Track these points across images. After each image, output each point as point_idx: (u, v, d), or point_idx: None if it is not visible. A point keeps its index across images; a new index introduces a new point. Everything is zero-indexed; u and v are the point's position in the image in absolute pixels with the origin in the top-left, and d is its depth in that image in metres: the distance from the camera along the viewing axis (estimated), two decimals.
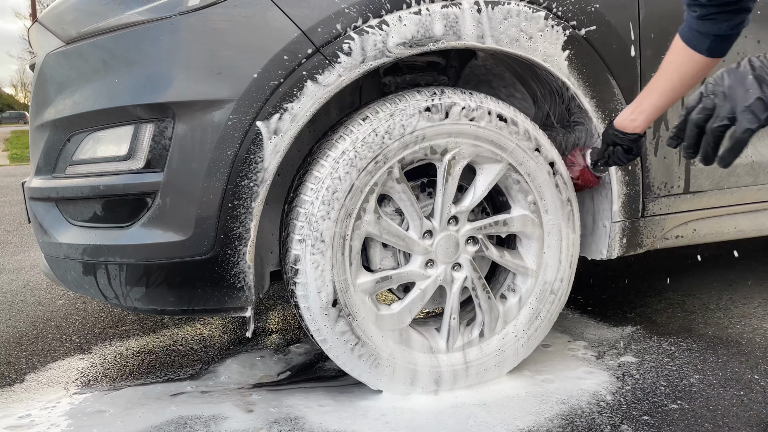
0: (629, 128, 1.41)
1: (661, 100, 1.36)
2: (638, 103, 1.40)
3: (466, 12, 1.39)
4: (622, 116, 1.43)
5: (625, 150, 1.44)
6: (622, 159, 1.46)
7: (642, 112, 1.39)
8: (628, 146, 1.43)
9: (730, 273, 2.55)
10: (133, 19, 1.32)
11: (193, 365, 1.83)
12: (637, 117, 1.40)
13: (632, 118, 1.40)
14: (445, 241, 1.49)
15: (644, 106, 1.38)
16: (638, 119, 1.40)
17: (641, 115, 1.39)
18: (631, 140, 1.42)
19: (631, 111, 1.41)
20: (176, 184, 1.30)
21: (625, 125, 1.42)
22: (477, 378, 1.57)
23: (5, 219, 4.72)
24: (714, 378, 1.61)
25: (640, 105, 1.39)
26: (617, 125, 1.43)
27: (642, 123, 1.40)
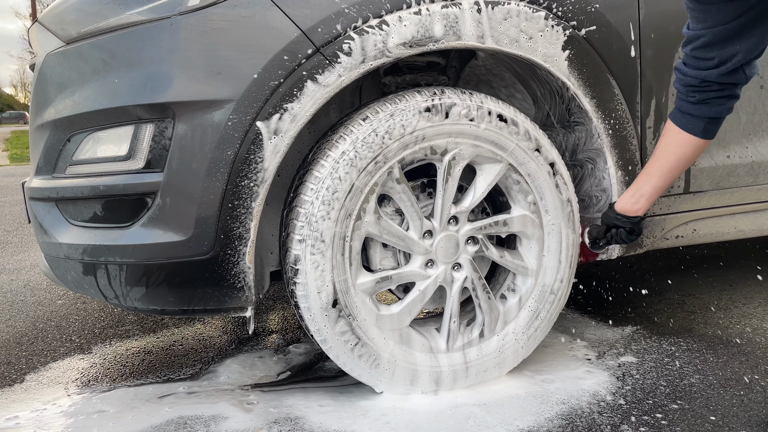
0: (631, 212, 1.49)
1: (660, 182, 1.44)
2: (638, 187, 1.47)
3: (466, 12, 1.39)
4: (623, 200, 1.50)
5: (628, 232, 1.51)
6: (625, 240, 1.52)
7: (643, 195, 1.46)
8: (630, 228, 1.50)
9: (730, 273, 2.55)
10: (133, 19, 1.32)
11: (193, 365, 1.83)
12: (638, 200, 1.47)
13: (634, 201, 1.48)
14: (445, 241, 1.49)
15: (645, 190, 1.46)
16: (640, 202, 1.47)
17: (642, 198, 1.46)
18: (633, 223, 1.49)
19: (631, 195, 1.48)
20: (176, 184, 1.30)
21: (627, 209, 1.49)
22: (477, 378, 1.57)
23: (5, 219, 4.72)
24: (714, 378, 1.61)
25: (640, 189, 1.46)
26: (619, 209, 1.50)
27: (644, 205, 1.47)
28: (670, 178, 1.43)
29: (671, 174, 1.42)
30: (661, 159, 1.42)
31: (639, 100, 1.60)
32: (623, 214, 1.49)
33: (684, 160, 1.40)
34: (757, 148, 1.79)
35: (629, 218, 1.49)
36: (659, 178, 1.43)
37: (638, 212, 1.48)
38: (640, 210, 1.48)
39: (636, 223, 1.50)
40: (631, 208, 1.48)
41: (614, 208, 1.52)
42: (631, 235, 1.51)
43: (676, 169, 1.41)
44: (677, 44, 1.63)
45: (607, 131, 1.57)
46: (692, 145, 1.37)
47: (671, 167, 1.41)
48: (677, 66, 1.35)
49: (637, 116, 1.61)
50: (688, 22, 1.30)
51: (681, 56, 1.63)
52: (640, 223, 1.50)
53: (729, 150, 1.76)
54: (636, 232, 1.51)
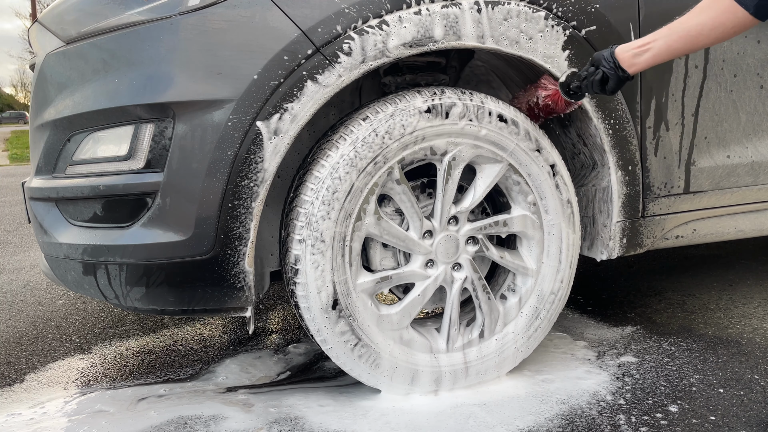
0: (627, 63, 1.29)
1: (678, 44, 1.23)
2: (653, 38, 1.26)
3: (466, 12, 1.39)
4: (627, 47, 1.29)
5: (602, 80, 1.32)
6: (596, 88, 1.33)
7: (651, 49, 1.26)
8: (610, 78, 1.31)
9: (730, 273, 2.55)
10: (133, 19, 1.32)
11: (193, 365, 1.83)
12: (643, 53, 1.27)
13: (637, 53, 1.27)
14: (445, 241, 1.49)
15: (657, 45, 1.25)
16: (643, 56, 1.27)
17: (649, 53, 1.26)
18: (618, 76, 1.30)
19: (639, 45, 1.27)
20: (176, 184, 1.30)
21: (624, 58, 1.29)
22: (477, 378, 1.57)
23: (5, 219, 4.72)
24: (714, 378, 1.61)
25: (654, 41, 1.25)
26: (617, 53, 1.30)
27: (645, 61, 1.27)
28: (692, 43, 1.22)
29: (696, 40, 1.21)
30: (695, 18, 1.20)
31: (639, 100, 1.60)
32: (617, 60, 1.29)
33: (719, 31, 1.19)
34: (757, 148, 1.79)
35: (618, 68, 1.29)
36: (680, 38, 1.22)
37: (633, 67, 1.28)
38: (637, 65, 1.28)
39: (619, 78, 1.30)
40: (629, 59, 1.28)
41: (613, 50, 1.31)
42: (604, 86, 1.32)
43: (704, 36, 1.20)
44: None
45: (607, 131, 1.57)
46: (736, 19, 1.16)
47: (700, 32, 1.20)
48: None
49: (637, 116, 1.61)
50: None
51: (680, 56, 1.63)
52: (623, 81, 1.31)
53: (729, 150, 1.76)
54: (611, 87, 1.31)
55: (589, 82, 1.34)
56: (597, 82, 1.32)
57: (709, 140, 1.72)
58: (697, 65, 1.66)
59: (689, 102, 1.67)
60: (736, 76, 1.71)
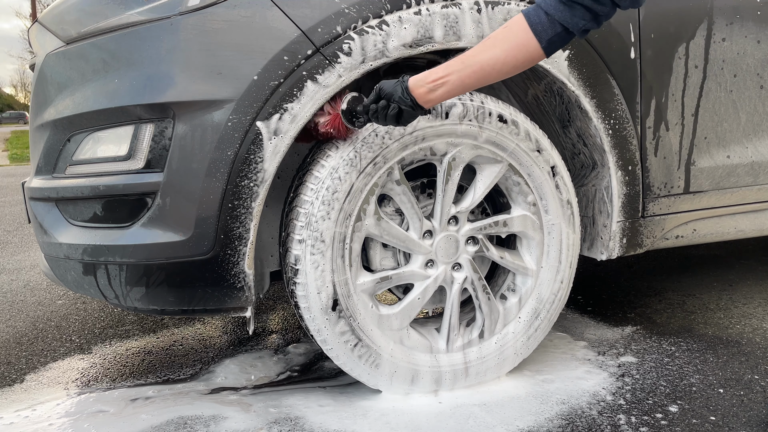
0: (421, 99, 1.20)
1: (471, 79, 1.17)
2: (446, 71, 1.18)
3: (466, 13, 1.39)
4: (420, 81, 1.20)
5: (397, 116, 1.22)
6: (390, 122, 1.23)
7: (445, 84, 1.18)
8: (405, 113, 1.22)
9: (730, 273, 2.55)
10: (133, 19, 1.32)
11: (192, 365, 1.83)
12: (437, 89, 1.19)
13: (431, 88, 1.19)
14: (445, 241, 1.49)
15: (452, 78, 1.17)
16: (438, 92, 1.19)
17: (443, 88, 1.19)
18: (413, 112, 1.21)
19: (434, 79, 1.19)
20: (176, 184, 1.30)
21: (419, 94, 1.19)
22: (477, 378, 1.57)
23: (5, 219, 4.72)
24: (714, 378, 1.61)
25: (448, 75, 1.18)
26: (411, 87, 1.20)
27: (439, 97, 1.20)
28: (485, 78, 1.17)
29: (489, 75, 1.16)
30: (488, 51, 1.15)
31: (639, 100, 1.60)
32: (411, 94, 1.19)
33: (509, 66, 1.15)
34: (757, 148, 1.79)
35: (415, 104, 1.20)
36: (474, 73, 1.16)
37: (428, 103, 1.20)
38: (432, 101, 1.20)
39: (415, 114, 1.22)
40: (425, 95, 1.19)
41: (406, 84, 1.20)
42: (398, 120, 1.22)
43: (497, 72, 1.16)
44: (677, 44, 1.63)
45: (607, 131, 1.57)
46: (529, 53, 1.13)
47: (494, 67, 1.15)
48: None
49: (637, 116, 1.61)
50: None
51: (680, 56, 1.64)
52: (417, 116, 1.23)
53: (729, 150, 1.76)
54: (405, 119, 1.22)
55: (381, 116, 1.23)
56: (392, 117, 1.22)
57: (709, 140, 1.72)
58: (697, 65, 1.66)
59: (689, 102, 1.67)
60: (736, 76, 1.71)
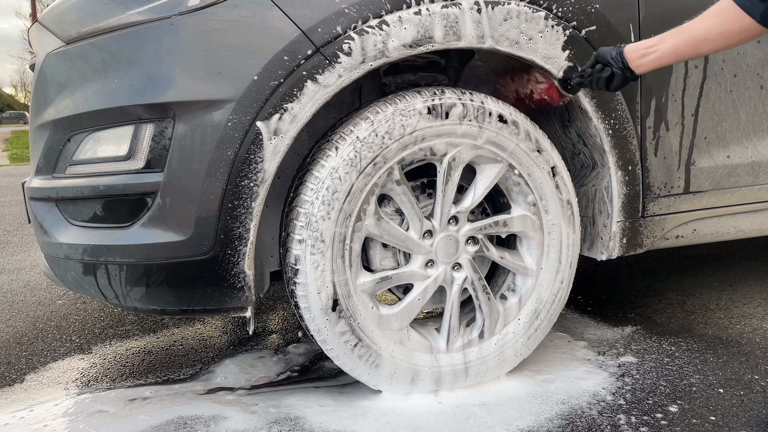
0: (634, 63, 1.31)
1: (686, 47, 1.26)
2: (659, 40, 1.29)
3: (465, 13, 1.39)
4: (635, 47, 1.32)
5: (608, 79, 1.34)
6: (601, 85, 1.36)
7: (657, 51, 1.29)
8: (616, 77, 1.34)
9: (730, 273, 2.55)
10: (133, 19, 1.32)
11: (192, 365, 1.83)
12: (649, 54, 1.30)
13: (643, 53, 1.30)
14: (445, 241, 1.49)
15: (665, 46, 1.28)
16: (649, 57, 1.30)
17: (654, 54, 1.29)
18: (625, 75, 1.33)
19: (647, 46, 1.30)
20: (176, 184, 1.30)
21: (632, 58, 1.31)
22: (477, 378, 1.57)
23: (5, 219, 4.72)
24: (714, 378, 1.61)
25: (660, 42, 1.29)
26: (626, 53, 1.33)
27: (650, 62, 1.30)
28: (697, 48, 1.25)
29: (702, 45, 1.24)
30: (701, 23, 1.23)
31: (639, 100, 1.60)
32: (625, 59, 1.32)
33: (725, 37, 1.21)
34: (757, 148, 1.79)
35: (626, 67, 1.32)
36: (687, 42, 1.25)
37: (639, 68, 1.32)
38: (643, 66, 1.31)
39: (626, 78, 1.33)
40: (637, 60, 1.31)
41: (621, 49, 1.33)
42: (610, 83, 1.35)
43: (710, 42, 1.23)
44: None
45: (607, 131, 1.57)
46: (743, 26, 1.18)
47: (707, 37, 1.22)
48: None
49: (637, 116, 1.61)
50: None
51: None
52: (628, 81, 1.34)
53: (729, 150, 1.76)
54: (616, 85, 1.35)
55: (594, 79, 1.36)
56: (604, 79, 1.35)
57: (709, 140, 1.72)
58: (697, 65, 1.66)
59: (689, 102, 1.67)
60: (736, 76, 1.71)
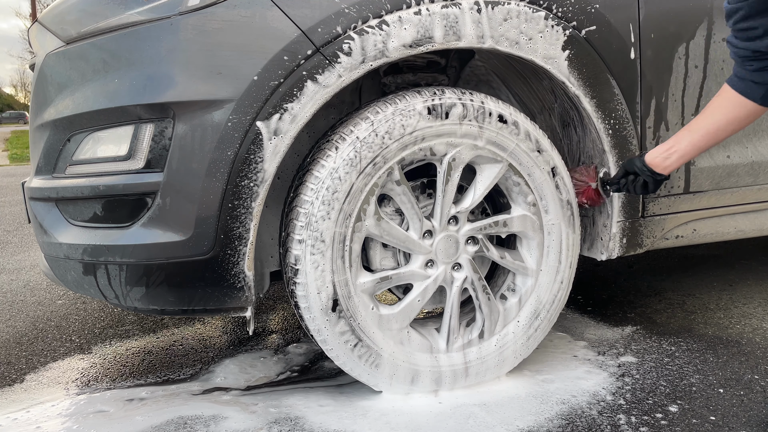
0: (660, 167, 1.43)
1: (702, 141, 1.37)
2: (676, 141, 1.40)
3: (465, 13, 1.39)
4: (655, 153, 1.44)
5: (644, 184, 1.46)
6: (638, 191, 1.49)
7: (677, 151, 1.40)
8: (650, 183, 1.46)
9: (730, 273, 2.55)
10: (133, 19, 1.32)
11: (193, 365, 1.83)
12: (671, 156, 1.41)
13: (665, 156, 1.41)
14: (445, 241, 1.49)
15: (682, 146, 1.39)
16: (672, 158, 1.41)
17: (676, 155, 1.40)
18: (656, 180, 1.45)
19: (666, 149, 1.42)
20: (176, 184, 1.30)
21: (656, 163, 1.43)
22: (477, 378, 1.57)
23: (5, 219, 4.72)
24: (714, 378, 1.61)
25: (677, 143, 1.40)
26: (648, 161, 1.44)
27: (674, 162, 1.41)
28: (712, 139, 1.36)
29: (716, 135, 1.35)
30: (709, 117, 1.34)
31: (639, 101, 1.60)
32: (650, 167, 1.44)
33: (735, 123, 1.32)
34: (757, 148, 1.79)
35: (654, 173, 1.44)
36: (702, 137, 1.35)
37: (666, 170, 1.43)
38: (669, 167, 1.42)
39: (657, 180, 1.45)
40: (661, 164, 1.42)
41: (643, 158, 1.45)
42: (645, 189, 1.47)
43: (723, 131, 1.34)
44: (677, 44, 1.63)
45: (607, 131, 1.57)
46: (748, 110, 1.30)
47: (718, 128, 1.33)
48: (728, 39, 1.29)
49: (637, 116, 1.61)
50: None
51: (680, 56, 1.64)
52: (661, 181, 1.46)
53: (729, 150, 1.76)
54: (652, 188, 1.46)
55: (632, 187, 1.50)
56: (640, 186, 1.47)
57: None
58: (697, 65, 1.66)
59: (689, 102, 1.67)
60: None
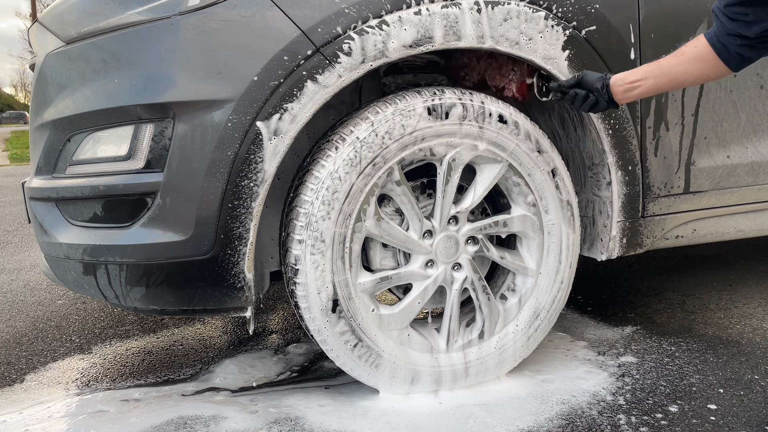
0: (618, 96, 1.37)
1: (667, 86, 1.34)
2: (642, 74, 1.35)
3: (465, 13, 1.39)
4: (620, 81, 1.37)
5: (592, 105, 1.41)
6: (585, 109, 1.42)
7: (642, 86, 1.35)
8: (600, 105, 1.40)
9: (730, 273, 2.55)
10: (133, 19, 1.32)
11: (193, 365, 1.83)
12: (634, 89, 1.36)
13: (629, 88, 1.36)
14: (445, 242, 1.49)
15: (648, 84, 1.34)
16: (634, 92, 1.36)
17: (639, 89, 1.35)
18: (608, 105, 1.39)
19: (632, 81, 1.36)
20: (176, 184, 1.30)
21: (618, 92, 1.37)
22: (477, 378, 1.57)
23: (5, 219, 4.72)
24: (714, 378, 1.61)
25: (643, 78, 1.34)
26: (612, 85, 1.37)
27: (634, 96, 1.37)
28: (677, 87, 1.37)
29: (681, 85, 1.35)
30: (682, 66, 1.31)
31: (639, 101, 1.60)
32: (609, 90, 1.38)
33: (702, 79, 1.32)
34: (757, 148, 1.79)
35: (611, 99, 1.38)
36: (669, 82, 1.33)
37: (623, 100, 1.38)
38: (625, 99, 1.38)
39: (608, 107, 1.40)
40: (622, 93, 1.37)
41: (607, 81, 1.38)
42: (592, 109, 1.42)
43: (689, 83, 1.35)
44: (677, 44, 1.63)
45: (607, 131, 1.57)
46: (719, 72, 1.28)
47: (686, 80, 1.33)
48: (715, 9, 1.25)
49: (637, 116, 1.61)
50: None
51: None
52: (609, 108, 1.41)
53: (729, 150, 1.76)
54: (598, 110, 1.42)
55: (578, 101, 1.42)
56: (588, 105, 1.41)
57: (708, 140, 1.72)
58: None
59: (689, 102, 1.67)
60: (735, 76, 1.71)
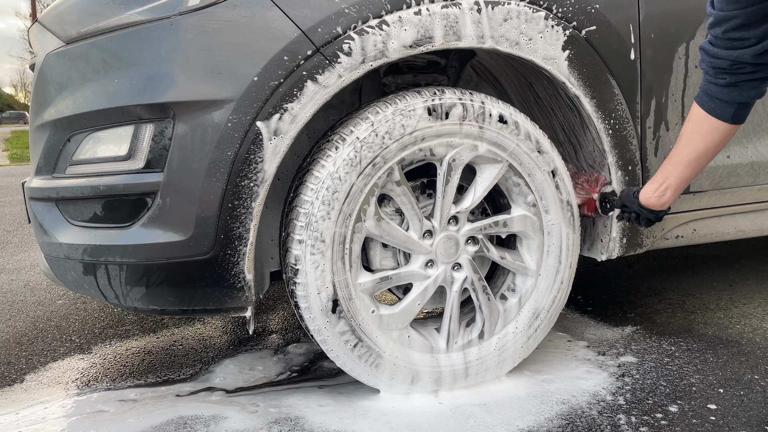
0: (657, 206, 1.44)
1: (687, 172, 1.37)
2: (663, 177, 1.41)
3: (465, 13, 1.39)
4: (648, 193, 1.44)
5: (647, 221, 1.48)
6: (643, 225, 1.50)
7: (669, 187, 1.41)
8: (653, 219, 1.47)
9: (730, 273, 2.55)
10: (133, 19, 1.32)
11: (192, 365, 1.83)
12: (664, 193, 1.42)
13: (659, 195, 1.42)
14: (445, 242, 1.49)
15: (671, 181, 1.40)
16: (666, 195, 1.42)
17: (669, 190, 1.41)
18: (659, 216, 1.46)
19: (656, 188, 1.42)
20: (176, 184, 1.30)
21: (652, 203, 1.44)
22: (477, 378, 1.57)
23: (5, 219, 4.72)
24: (714, 378, 1.61)
25: (665, 180, 1.41)
26: (643, 202, 1.45)
27: (670, 197, 1.42)
28: (698, 167, 1.37)
29: (699, 163, 1.35)
30: (687, 147, 1.34)
31: (639, 101, 1.60)
32: (648, 207, 1.45)
33: (713, 148, 1.32)
34: (757, 148, 1.79)
35: (654, 211, 1.45)
36: (686, 167, 1.36)
37: (664, 206, 1.44)
38: (666, 203, 1.43)
39: (660, 216, 1.47)
40: (657, 202, 1.43)
41: (639, 200, 1.46)
42: (650, 223, 1.49)
43: (704, 157, 1.34)
44: (677, 44, 1.63)
45: (607, 131, 1.57)
46: (721, 131, 1.29)
47: (698, 155, 1.34)
48: (703, 46, 1.25)
49: (637, 116, 1.61)
50: (712, 1, 1.19)
51: (680, 56, 1.64)
52: (664, 214, 1.47)
53: (729, 150, 1.76)
54: (655, 223, 1.49)
55: (636, 223, 1.53)
56: (645, 222, 1.50)
57: None
58: (697, 65, 1.66)
59: (689, 102, 1.67)
60: None
